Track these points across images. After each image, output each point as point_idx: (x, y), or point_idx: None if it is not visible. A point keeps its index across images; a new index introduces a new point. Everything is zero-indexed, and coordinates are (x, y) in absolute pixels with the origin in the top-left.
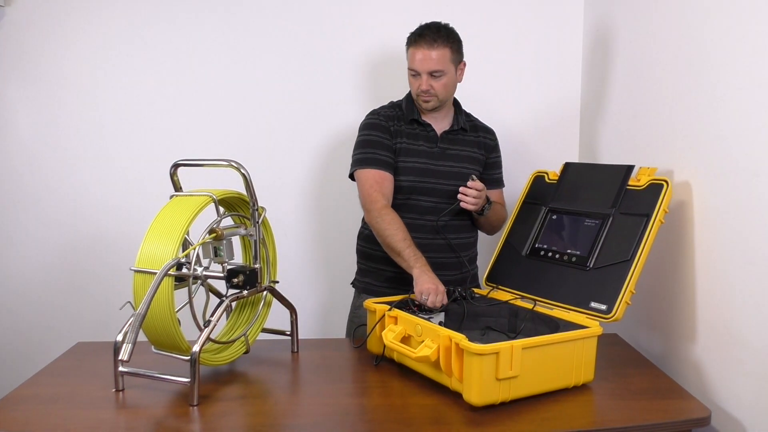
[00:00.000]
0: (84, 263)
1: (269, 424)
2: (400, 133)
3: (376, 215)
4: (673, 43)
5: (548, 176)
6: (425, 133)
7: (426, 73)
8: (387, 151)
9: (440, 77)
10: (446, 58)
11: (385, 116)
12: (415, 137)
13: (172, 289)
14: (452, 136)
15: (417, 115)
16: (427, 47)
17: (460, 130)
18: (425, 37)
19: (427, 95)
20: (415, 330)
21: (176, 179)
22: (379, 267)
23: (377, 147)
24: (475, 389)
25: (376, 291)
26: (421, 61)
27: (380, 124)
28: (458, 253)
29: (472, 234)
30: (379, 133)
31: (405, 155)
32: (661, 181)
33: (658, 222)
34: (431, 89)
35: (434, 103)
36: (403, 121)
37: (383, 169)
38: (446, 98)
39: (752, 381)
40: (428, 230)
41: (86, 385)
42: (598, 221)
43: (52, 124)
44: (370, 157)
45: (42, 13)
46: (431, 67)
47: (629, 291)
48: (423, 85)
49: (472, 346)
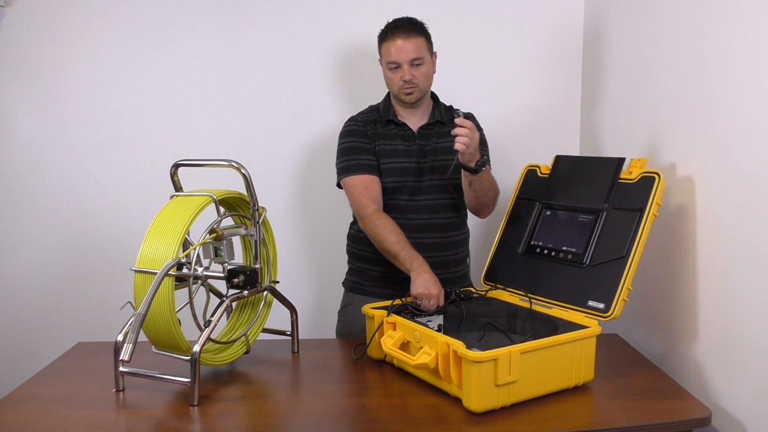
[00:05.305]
0: (84, 263)
1: (269, 424)
2: (377, 135)
3: (368, 221)
4: (674, 38)
5: (540, 170)
6: (402, 133)
7: (407, 63)
8: (369, 155)
9: (420, 66)
10: (423, 47)
11: (362, 121)
12: (393, 138)
13: (172, 289)
14: (429, 130)
15: (393, 116)
16: (404, 37)
17: (437, 123)
18: (401, 28)
19: (410, 86)
20: (414, 336)
21: (176, 179)
22: (366, 266)
23: (359, 152)
24: (475, 396)
25: (363, 289)
26: (400, 52)
27: (358, 129)
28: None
29: (460, 232)
30: (358, 139)
31: (384, 157)
32: (653, 174)
33: (652, 216)
34: (414, 78)
35: (417, 94)
36: (380, 123)
37: (368, 173)
38: (426, 89)
39: (753, 381)
40: (413, 229)
41: (86, 385)
42: (592, 216)
43: (52, 124)
44: (354, 164)
45: (42, 13)
46: (412, 56)
47: (626, 288)
48: (406, 75)
49: (470, 354)
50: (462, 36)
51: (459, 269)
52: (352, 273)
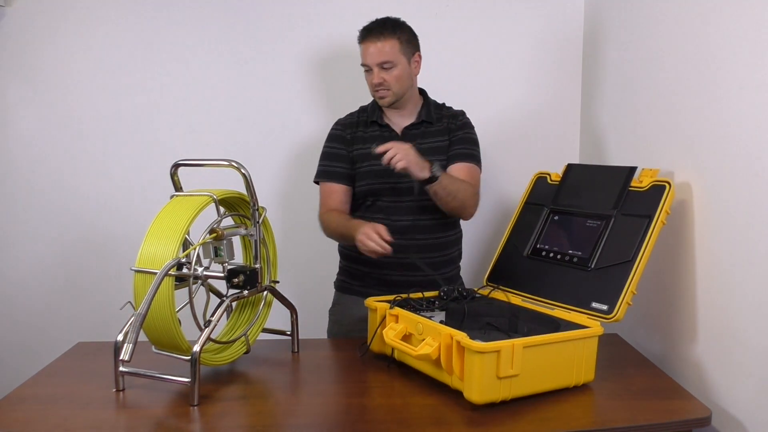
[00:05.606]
0: (84, 263)
1: (269, 424)
2: (356, 139)
3: (320, 222)
4: (674, 38)
5: (550, 177)
6: (383, 134)
7: (376, 66)
8: (342, 162)
9: (391, 69)
10: (395, 50)
11: (344, 125)
12: (373, 140)
13: (172, 289)
14: (415, 130)
15: (377, 117)
16: (374, 40)
17: (424, 123)
18: (372, 31)
19: (381, 89)
20: (416, 328)
21: (177, 179)
22: (354, 266)
23: (333, 159)
24: (476, 387)
25: (351, 289)
26: (369, 55)
27: (338, 134)
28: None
29: (450, 233)
30: (336, 145)
31: (362, 160)
32: (664, 183)
33: (660, 223)
34: (384, 82)
35: (390, 97)
36: (363, 125)
37: (334, 181)
38: (401, 91)
39: (753, 381)
40: (399, 230)
41: (86, 385)
42: (600, 222)
43: (52, 124)
44: (325, 170)
45: (42, 13)
46: (380, 59)
47: (630, 291)
48: (375, 78)
49: (474, 344)
50: (462, 36)
51: (448, 271)
52: (341, 272)
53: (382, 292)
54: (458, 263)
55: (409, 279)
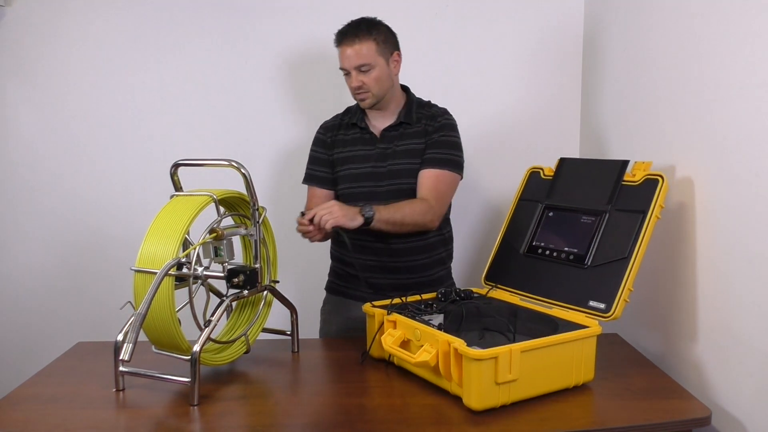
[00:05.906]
0: (84, 263)
1: (269, 424)
2: (336, 143)
3: None
4: (674, 38)
5: (543, 172)
6: (363, 137)
7: (354, 69)
8: (323, 166)
9: (369, 71)
10: (372, 51)
11: (325, 128)
12: (353, 143)
13: (172, 289)
14: (393, 132)
15: (357, 119)
16: (349, 43)
17: (403, 125)
18: (347, 34)
19: (360, 92)
20: (414, 334)
21: (176, 179)
22: (341, 267)
23: (315, 163)
24: (475, 394)
25: (338, 290)
26: (347, 58)
27: (319, 138)
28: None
29: (432, 235)
30: (318, 148)
31: (341, 164)
32: (657, 176)
33: (655, 218)
34: (363, 85)
35: (371, 99)
36: (344, 127)
37: (316, 185)
38: (381, 93)
39: (753, 381)
40: (377, 234)
41: (86, 385)
42: (595, 218)
43: (52, 123)
44: (307, 173)
45: (42, 13)
46: (356, 62)
47: (627, 289)
48: (354, 82)
49: (471, 352)
50: (462, 35)
51: (432, 272)
52: (330, 273)
53: (370, 294)
54: (448, 264)
55: (396, 282)
